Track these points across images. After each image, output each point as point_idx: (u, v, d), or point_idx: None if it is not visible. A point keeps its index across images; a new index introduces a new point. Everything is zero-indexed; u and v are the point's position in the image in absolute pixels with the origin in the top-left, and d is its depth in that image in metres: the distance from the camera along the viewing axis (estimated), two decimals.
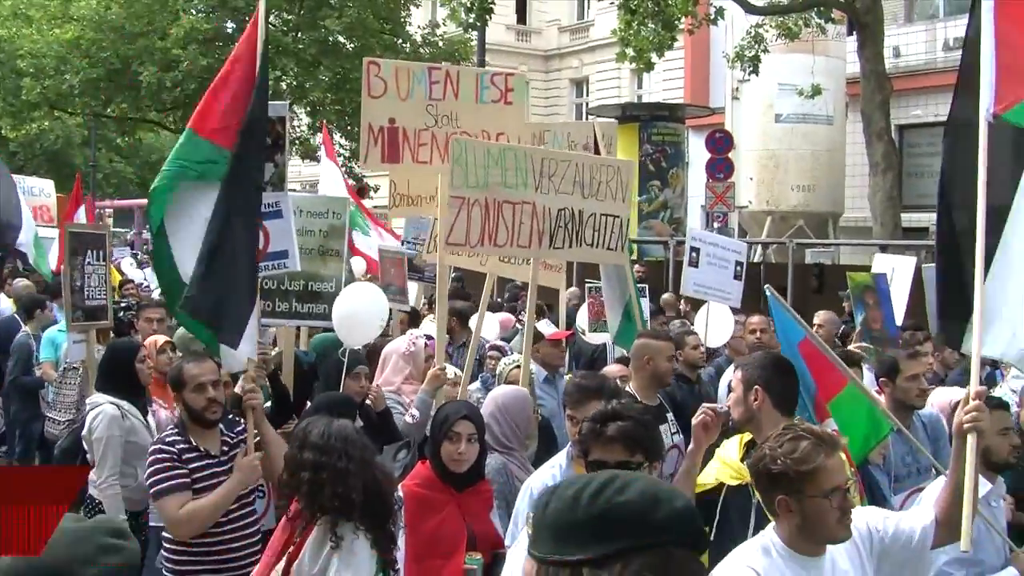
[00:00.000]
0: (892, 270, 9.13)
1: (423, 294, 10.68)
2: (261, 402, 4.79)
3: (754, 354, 4.70)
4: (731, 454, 4.12)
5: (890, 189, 15.94)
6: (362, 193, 20.50)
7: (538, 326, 7.01)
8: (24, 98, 25.71)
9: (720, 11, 19.15)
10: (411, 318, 9.25)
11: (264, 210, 5.31)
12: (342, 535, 3.67)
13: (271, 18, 26.21)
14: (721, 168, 19.44)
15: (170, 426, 5.05)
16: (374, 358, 6.52)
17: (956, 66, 4.12)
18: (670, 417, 5.70)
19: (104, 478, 5.44)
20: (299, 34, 24.98)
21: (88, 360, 6.74)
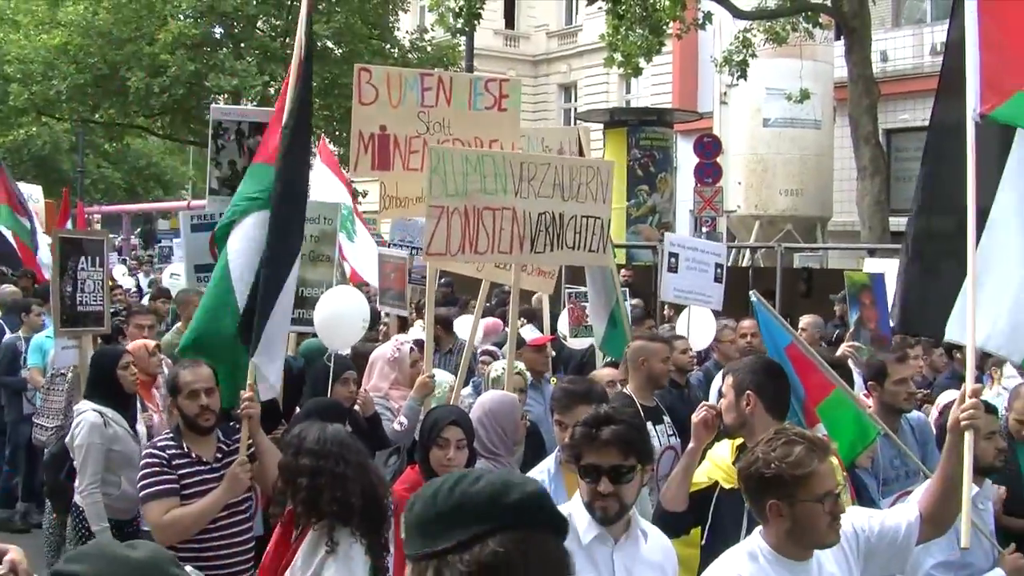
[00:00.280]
0: (882, 274, 9.15)
1: (412, 298, 10.66)
2: (258, 411, 4.76)
3: (744, 359, 4.68)
4: (723, 457, 4.12)
5: (878, 193, 15.98)
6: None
7: (521, 331, 6.99)
8: (11, 104, 25.59)
9: (708, 16, 19.19)
10: (401, 323, 9.26)
11: None
12: (338, 540, 3.66)
13: (259, 23, 26.21)
14: (709, 172, 19.45)
15: (165, 431, 5.02)
16: (360, 363, 6.51)
17: None
18: (667, 419, 5.72)
19: (85, 486, 5.41)
20: (287, 39, 24.93)
21: (81, 366, 6.71)
